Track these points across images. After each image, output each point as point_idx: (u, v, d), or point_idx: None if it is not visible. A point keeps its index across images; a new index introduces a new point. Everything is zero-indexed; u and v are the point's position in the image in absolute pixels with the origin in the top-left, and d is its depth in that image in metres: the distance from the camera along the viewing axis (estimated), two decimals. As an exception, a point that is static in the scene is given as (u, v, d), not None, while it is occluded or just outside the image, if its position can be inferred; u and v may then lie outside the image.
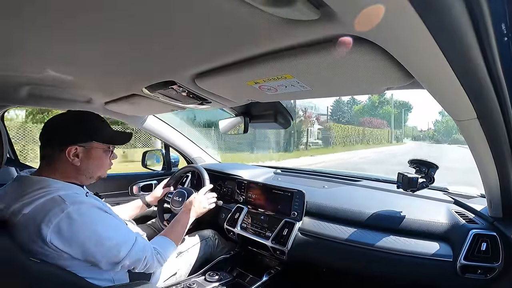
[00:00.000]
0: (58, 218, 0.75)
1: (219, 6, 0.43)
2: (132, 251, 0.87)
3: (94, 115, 0.94)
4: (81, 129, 0.89)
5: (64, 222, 0.75)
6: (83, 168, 0.89)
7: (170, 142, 1.96)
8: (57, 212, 0.75)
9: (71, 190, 0.84)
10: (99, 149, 0.92)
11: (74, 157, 0.86)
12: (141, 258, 0.90)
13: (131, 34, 0.56)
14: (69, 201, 0.78)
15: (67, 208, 0.76)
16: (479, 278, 0.93)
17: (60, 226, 0.75)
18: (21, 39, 0.62)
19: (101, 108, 1.41)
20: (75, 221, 0.76)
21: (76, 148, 0.86)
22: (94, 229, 0.80)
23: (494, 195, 0.92)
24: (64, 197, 0.78)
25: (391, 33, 0.42)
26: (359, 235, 1.15)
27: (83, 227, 0.78)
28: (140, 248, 0.90)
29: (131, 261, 0.87)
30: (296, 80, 0.68)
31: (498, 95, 0.56)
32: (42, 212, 0.75)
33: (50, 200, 0.77)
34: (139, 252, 0.90)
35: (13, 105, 1.47)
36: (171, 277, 1.25)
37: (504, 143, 0.71)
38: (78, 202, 0.80)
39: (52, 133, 0.88)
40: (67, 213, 0.76)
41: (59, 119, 0.90)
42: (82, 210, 0.79)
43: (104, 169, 0.97)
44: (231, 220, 1.54)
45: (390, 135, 35.85)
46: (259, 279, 1.34)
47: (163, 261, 1.00)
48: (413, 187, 1.12)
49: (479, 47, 0.41)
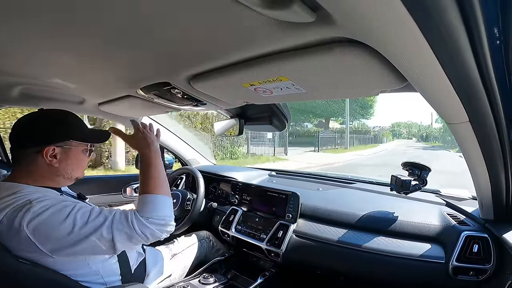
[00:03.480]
0: (28, 219, 0.70)
1: (215, 8, 0.43)
2: (114, 222, 0.78)
3: (69, 113, 0.90)
4: (58, 128, 0.84)
5: (36, 221, 0.70)
6: (61, 169, 0.85)
7: (165, 144, 1.95)
8: (27, 215, 0.70)
9: (42, 193, 0.78)
10: (77, 149, 0.88)
11: (51, 158, 0.82)
12: (130, 231, 0.79)
13: (126, 35, 0.56)
14: (36, 201, 0.73)
15: (34, 207, 0.72)
16: (471, 280, 0.94)
17: (35, 226, 0.70)
18: (12, 41, 0.61)
19: (94, 109, 1.39)
20: (47, 218, 0.72)
21: (54, 148, 0.82)
22: (68, 220, 0.74)
23: (485, 198, 0.93)
24: (33, 200, 0.74)
25: (385, 36, 0.42)
26: (353, 237, 1.16)
27: (57, 222, 0.73)
28: (122, 219, 0.79)
29: (121, 236, 0.78)
30: (292, 82, 0.68)
31: (490, 99, 0.57)
32: (13, 218, 0.71)
33: (21, 205, 0.72)
34: (122, 225, 0.79)
35: (5, 105, 1.44)
36: (166, 279, 1.24)
37: (495, 146, 0.72)
38: (47, 200, 0.75)
39: (25, 134, 0.82)
40: (37, 213, 0.71)
41: (31, 119, 0.84)
42: (51, 207, 0.74)
43: (82, 169, 0.93)
44: (225, 222, 1.53)
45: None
46: (253, 281, 1.34)
47: (168, 222, 0.86)
48: (406, 189, 1.13)
49: (472, 50, 0.42)
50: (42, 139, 0.82)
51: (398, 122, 63.98)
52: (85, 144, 0.90)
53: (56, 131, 0.84)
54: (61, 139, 0.84)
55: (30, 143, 0.81)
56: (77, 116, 0.92)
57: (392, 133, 57.61)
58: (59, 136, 0.84)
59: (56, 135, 0.84)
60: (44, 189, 0.82)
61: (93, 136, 0.94)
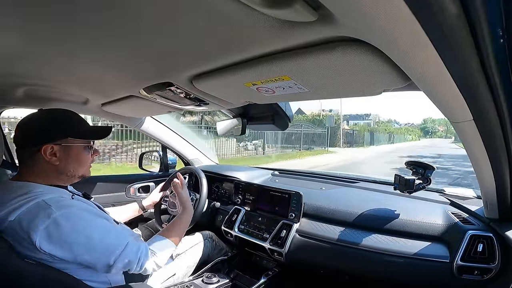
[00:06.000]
0: (45, 224, 0.72)
1: (217, 8, 0.43)
2: (124, 253, 0.83)
3: (68, 111, 0.90)
4: (55, 126, 0.85)
5: (52, 227, 0.73)
6: (62, 167, 0.85)
7: (167, 143, 1.96)
8: (44, 218, 0.72)
9: (55, 194, 0.80)
10: (77, 146, 0.88)
11: (51, 156, 0.82)
12: (134, 260, 0.86)
13: (129, 36, 0.56)
14: (54, 206, 0.75)
15: (53, 214, 0.74)
16: (476, 279, 0.94)
17: (49, 232, 0.72)
18: (16, 44, 0.62)
19: (98, 109, 1.40)
20: (63, 226, 0.74)
21: (52, 146, 0.82)
22: (83, 233, 0.78)
23: (490, 197, 0.92)
24: (49, 202, 0.76)
25: (388, 35, 0.42)
26: (356, 236, 1.16)
27: (72, 232, 0.76)
28: (133, 250, 0.86)
29: (123, 263, 0.84)
30: (294, 81, 0.68)
31: (494, 97, 0.56)
32: (28, 218, 0.72)
33: (35, 206, 0.74)
34: (131, 254, 0.85)
35: (9, 106, 1.46)
36: (169, 278, 1.24)
37: (500, 145, 0.71)
38: (64, 206, 0.77)
39: (25, 134, 0.84)
40: (54, 219, 0.73)
41: (31, 119, 0.86)
42: (69, 215, 0.77)
43: (86, 167, 0.92)
44: (228, 222, 1.54)
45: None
46: (257, 281, 1.34)
47: (161, 263, 0.96)
48: (409, 188, 1.12)
49: (476, 48, 0.42)
50: (39, 138, 0.82)
51: (432, 118, 58.37)
52: (85, 141, 0.90)
53: (54, 129, 0.84)
54: (59, 137, 0.84)
55: (29, 143, 0.83)
56: (76, 113, 0.92)
57: (423, 130, 53.71)
58: (57, 134, 0.84)
59: (54, 133, 0.84)
60: (54, 188, 0.83)
61: (94, 133, 0.94)
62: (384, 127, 37.08)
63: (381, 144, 25.56)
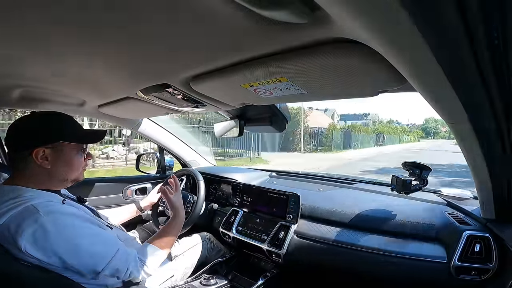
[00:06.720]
0: (32, 229, 0.71)
1: (214, 9, 0.43)
2: (112, 261, 0.82)
3: (61, 114, 0.89)
4: (46, 129, 0.83)
5: (39, 233, 0.72)
6: (54, 171, 0.83)
7: (165, 145, 1.95)
8: (30, 223, 0.72)
9: (45, 198, 0.79)
10: (69, 150, 0.86)
11: (42, 160, 0.80)
12: (122, 269, 0.85)
13: (126, 37, 0.56)
14: (42, 211, 0.74)
15: (41, 219, 0.73)
16: (474, 279, 0.94)
17: (35, 237, 0.71)
18: (13, 44, 0.61)
19: (94, 111, 1.40)
20: (50, 232, 0.73)
21: (44, 150, 0.80)
22: (70, 239, 0.76)
23: (486, 197, 0.93)
24: (37, 206, 0.74)
25: (384, 37, 0.42)
26: (354, 237, 1.16)
27: (59, 239, 0.74)
28: (122, 258, 0.85)
29: (112, 271, 0.83)
30: (291, 83, 0.68)
31: (490, 98, 0.57)
32: (16, 222, 0.71)
33: (23, 210, 0.73)
34: (120, 263, 0.84)
35: (4, 107, 1.45)
36: (167, 280, 1.24)
37: (496, 146, 0.72)
38: (53, 211, 0.76)
39: (16, 137, 0.83)
40: (41, 224, 0.72)
41: (22, 122, 0.85)
42: (57, 221, 0.75)
43: (78, 171, 0.90)
44: (226, 223, 1.53)
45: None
46: (255, 282, 1.34)
47: (150, 271, 0.95)
48: (406, 189, 1.13)
49: (471, 50, 0.42)
50: (31, 140, 0.81)
51: (434, 118, 54.79)
52: (77, 144, 0.88)
53: (46, 132, 0.83)
54: (50, 140, 0.82)
55: (20, 146, 0.81)
56: (70, 116, 0.91)
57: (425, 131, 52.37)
58: (48, 137, 0.82)
59: (46, 137, 0.82)
60: (44, 192, 0.81)
61: (86, 137, 0.93)
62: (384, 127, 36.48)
63: (364, 147, 21.11)
